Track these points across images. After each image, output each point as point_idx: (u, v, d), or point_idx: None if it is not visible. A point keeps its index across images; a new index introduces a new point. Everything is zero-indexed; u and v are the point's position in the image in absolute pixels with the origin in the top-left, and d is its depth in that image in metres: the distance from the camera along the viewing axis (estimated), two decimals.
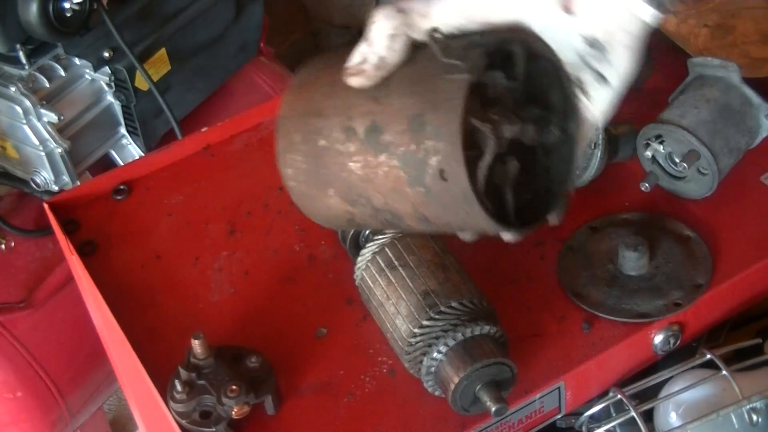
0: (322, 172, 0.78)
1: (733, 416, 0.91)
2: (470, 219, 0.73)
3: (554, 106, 0.76)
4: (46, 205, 1.14)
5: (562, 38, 0.73)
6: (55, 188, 1.43)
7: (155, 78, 1.48)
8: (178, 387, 0.87)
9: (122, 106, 1.48)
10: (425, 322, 0.87)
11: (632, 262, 0.99)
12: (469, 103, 0.69)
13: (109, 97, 1.47)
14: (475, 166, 0.71)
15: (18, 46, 1.35)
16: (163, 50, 1.50)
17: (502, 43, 0.72)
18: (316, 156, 0.78)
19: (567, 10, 0.71)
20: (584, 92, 0.75)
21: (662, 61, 1.26)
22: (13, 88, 1.36)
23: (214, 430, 0.87)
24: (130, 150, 1.52)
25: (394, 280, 0.91)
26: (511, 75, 0.74)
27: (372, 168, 0.75)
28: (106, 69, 1.43)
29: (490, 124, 0.71)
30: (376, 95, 0.74)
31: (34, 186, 1.43)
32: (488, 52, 0.71)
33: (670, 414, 0.99)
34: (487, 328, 0.87)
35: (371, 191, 0.76)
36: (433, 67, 0.72)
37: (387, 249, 0.93)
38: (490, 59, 0.71)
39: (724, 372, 0.94)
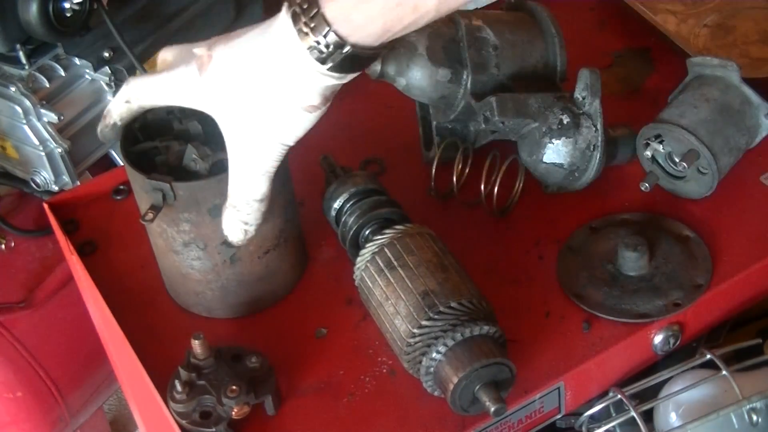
0: None
1: (733, 416, 0.91)
2: None
3: None
4: (46, 205, 1.14)
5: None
6: (55, 188, 1.43)
7: None
8: (178, 387, 0.87)
9: None
10: (424, 323, 0.87)
11: (632, 262, 0.99)
12: None
13: (109, 97, 1.46)
14: None
15: (18, 46, 1.35)
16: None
17: None
18: None
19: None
20: None
21: (662, 61, 1.26)
22: (13, 88, 1.36)
23: (214, 430, 0.87)
24: None
25: (393, 281, 0.91)
26: None
27: None
28: (106, 69, 1.43)
29: None
30: None
31: (34, 186, 1.43)
32: None
33: (670, 414, 0.99)
34: (486, 329, 0.87)
35: None
36: None
37: (386, 249, 0.93)
38: None
39: (724, 372, 0.94)
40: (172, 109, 0.98)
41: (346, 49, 0.79)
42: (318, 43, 0.79)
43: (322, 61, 0.80)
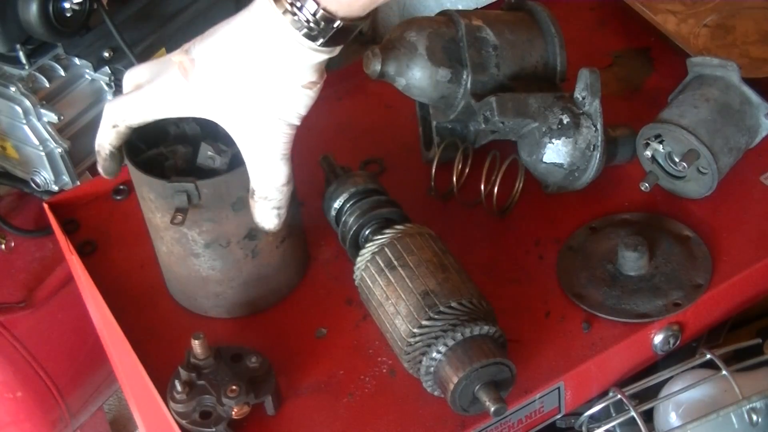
0: None
1: (733, 416, 0.91)
2: None
3: None
4: (46, 205, 1.14)
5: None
6: (55, 188, 1.43)
7: None
8: (178, 387, 0.88)
9: None
10: (424, 322, 0.87)
11: (632, 262, 0.99)
12: None
13: (109, 97, 1.47)
14: None
15: (18, 46, 1.35)
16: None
17: None
18: None
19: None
20: None
21: (662, 61, 1.26)
22: (13, 88, 1.36)
23: (214, 430, 0.87)
24: None
25: (393, 280, 0.91)
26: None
27: None
28: (106, 69, 1.43)
29: None
30: None
31: (34, 186, 1.43)
32: None
33: (670, 414, 0.99)
34: (486, 329, 0.87)
35: None
36: None
37: (386, 249, 0.93)
38: None
39: (724, 372, 0.94)
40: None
41: (337, 23, 0.80)
42: (308, 21, 0.80)
43: (313, 38, 0.81)
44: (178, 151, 0.96)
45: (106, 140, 0.92)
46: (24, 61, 1.37)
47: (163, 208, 0.92)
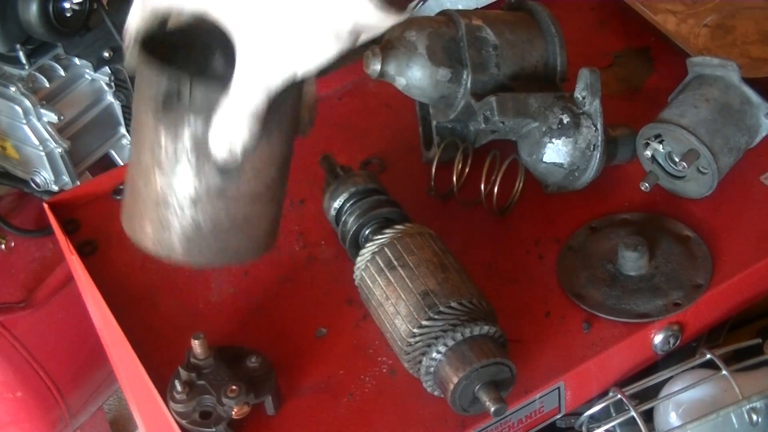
0: None
1: (733, 416, 0.91)
2: None
3: None
4: (46, 205, 1.14)
5: None
6: (55, 188, 1.43)
7: None
8: (178, 387, 0.88)
9: (122, 106, 1.48)
10: (424, 322, 0.87)
11: (632, 262, 0.99)
12: None
13: (109, 97, 1.47)
14: None
15: (18, 46, 1.35)
16: None
17: None
18: None
19: None
20: None
21: (662, 61, 1.26)
22: (13, 88, 1.36)
23: (214, 430, 0.87)
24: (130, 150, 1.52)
25: (393, 280, 0.91)
26: None
27: None
28: (106, 69, 1.43)
29: None
30: None
31: (34, 186, 1.43)
32: None
33: (670, 414, 0.99)
34: (486, 329, 0.87)
35: None
36: None
37: (386, 249, 0.93)
38: None
39: (724, 372, 0.94)
40: (194, 42, 0.88)
41: None
42: None
43: None
44: (191, 59, 0.88)
45: (133, 21, 0.86)
46: (24, 61, 1.37)
47: (150, 98, 0.83)
